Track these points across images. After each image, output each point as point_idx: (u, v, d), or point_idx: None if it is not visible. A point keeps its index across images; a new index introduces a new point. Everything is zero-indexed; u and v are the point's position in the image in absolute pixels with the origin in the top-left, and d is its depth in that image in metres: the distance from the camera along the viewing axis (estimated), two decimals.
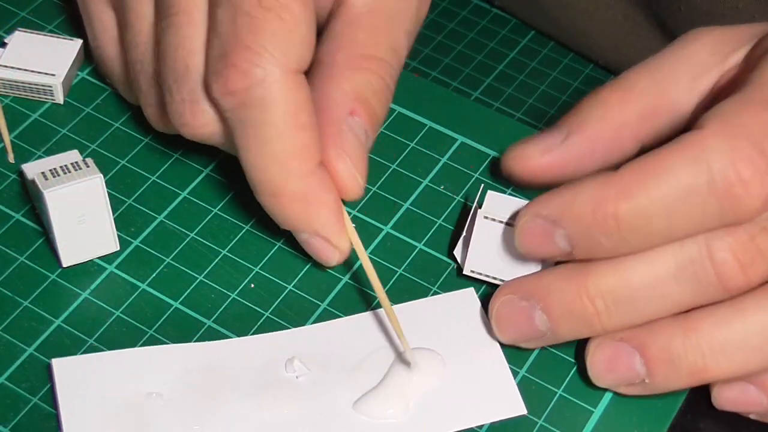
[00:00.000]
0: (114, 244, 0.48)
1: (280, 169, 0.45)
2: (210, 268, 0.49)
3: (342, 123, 0.47)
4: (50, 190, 0.46)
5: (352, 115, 0.47)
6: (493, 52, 0.61)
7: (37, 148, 0.52)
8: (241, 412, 0.44)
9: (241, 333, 0.47)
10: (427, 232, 0.51)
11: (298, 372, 0.45)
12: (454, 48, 0.62)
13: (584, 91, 0.60)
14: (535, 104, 0.59)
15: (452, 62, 0.61)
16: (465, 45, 0.61)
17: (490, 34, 0.62)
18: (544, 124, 0.58)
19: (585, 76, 0.60)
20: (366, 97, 0.47)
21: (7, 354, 0.46)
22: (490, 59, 0.61)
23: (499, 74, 0.60)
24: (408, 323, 0.47)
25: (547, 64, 0.61)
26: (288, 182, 0.45)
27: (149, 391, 0.44)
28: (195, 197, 0.51)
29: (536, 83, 0.60)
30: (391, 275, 0.49)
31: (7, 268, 0.48)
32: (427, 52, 0.61)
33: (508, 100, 0.59)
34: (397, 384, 0.45)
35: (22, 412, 0.44)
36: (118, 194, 0.51)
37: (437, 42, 0.62)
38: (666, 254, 0.42)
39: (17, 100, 0.54)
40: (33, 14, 0.58)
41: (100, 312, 0.47)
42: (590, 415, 0.45)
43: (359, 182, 0.47)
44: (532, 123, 0.57)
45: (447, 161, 0.53)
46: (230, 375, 0.45)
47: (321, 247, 0.47)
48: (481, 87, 0.60)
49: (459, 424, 0.45)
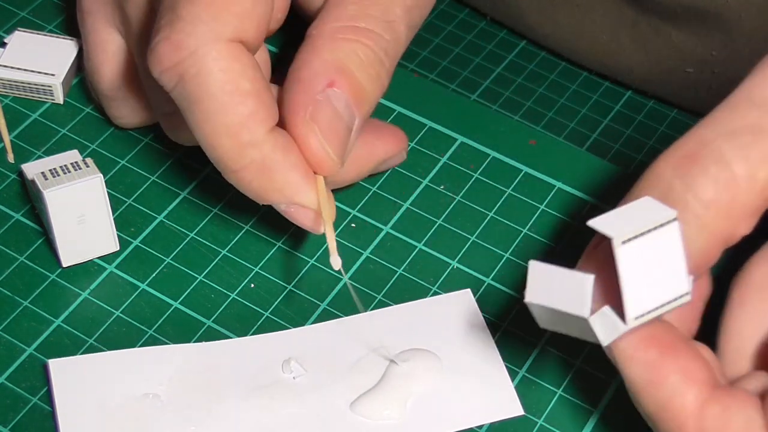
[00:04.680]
0: (114, 244, 0.48)
1: (230, 141, 0.43)
2: (210, 268, 0.49)
3: (317, 93, 0.44)
4: (50, 190, 0.46)
5: (331, 86, 0.44)
6: (490, 55, 0.61)
7: (37, 148, 0.52)
8: (238, 414, 0.44)
9: (241, 333, 0.47)
10: (427, 232, 0.51)
11: (294, 373, 0.45)
12: (452, 50, 0.62)
13: (581, 94, 0.60)
14: (533, 107, 0.59)
15: (449, 65, 0.61)
16: (462, 48, 0.62)
17: (488, 36, 0.62)
18: (542, 126, 0.58)
19: (583, 78, 0.61)
20: (349, 69, 0.44)
21: (7, 354, 0.46)
22: (487, 62, 0.61)
23: (497, 77, 0.60)
24: (405, 323, 0.47)
25: (545, 67, 0.61)
26: (242, 154, 0.43)
27: (146, 391, 0.44)
28: (195, 197, 0.51)
29: (534, 86, 0.60)
30: (391, 275, 0.49)
31: (7, 268, 0.48)
32: (424, 54, 0.62)
33: (505, 103, 0.59)
34: (394, 385, 0.45)
35: (21, 412, 0.44)
36: (118, 194, 0.51)
37: (435, 44, 0.62)
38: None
39: (17, 100, 0.54)
40: (33, 14, 0.58)
41: (99, 312, 0.47)
42: (590, 415, 0.45)
43: (331, 156, 0.45)
44: (530, 125, 0.58)
45: (447, 161, 0.53)
46: (227, 376, 0.45)
47: (302, 215, 0.45)
48: (479, 90, 0.60)
49: (455, 424, 0.45)
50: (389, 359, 0.46)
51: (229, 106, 0.42)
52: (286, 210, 0.45)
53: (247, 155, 0.43)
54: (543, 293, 0.38)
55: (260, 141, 0.43)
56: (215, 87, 0.42)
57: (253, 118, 0.43)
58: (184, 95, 0.43)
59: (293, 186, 0.44)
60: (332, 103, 0.44)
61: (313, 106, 0.44)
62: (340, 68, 0.44)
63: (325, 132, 0.44)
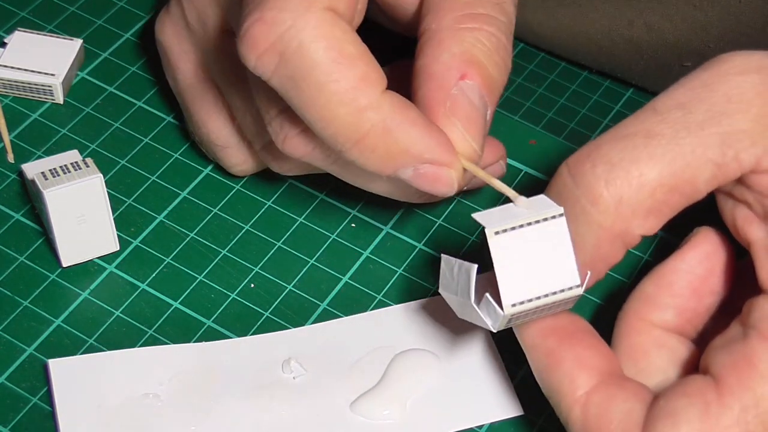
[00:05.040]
0: (114, 244, 0.48)
1: (346, 109, 0.41)
2: (210, 268, 0.49)
3: (451, 87, 0.43)
4: (50, 190, 0.46)
5: (464, 79, 0.43)
6: None
7: (37, 148, 0.52)
8: (238, 414, 0.44)
9: (241, 333, 0.47)
10: (427, 232, 0.51)
11: (294, 373, 0.45)
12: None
13: (581, 94, 0.60)
14: (533, 107, 0.59)
15: None
16: None
17: None
18: (542, 126, 0.58)
19: (583, 78, 0.60)
20: (478, 59, 0.43)
21: (7, 354, 0.46)
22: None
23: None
24: (405, 323, 0.47)
25: (545, 67, 0.61)
26: (361, 119, 0.41)
27: (146, 391, 0.44)
28: (195, 197, 0.51)
29: (534, 86, 0.60)
30: (391, 275, 0.49)
31: (7, 268, 0.48)
32: None
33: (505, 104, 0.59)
34: (394, 385, 0.45)
35: (21, 412, 0.44)
36: (118, 194, 0.51)
37: None
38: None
39: (17, 100, 0.54)
40: (33, 14, 0.58)
41: (99, 312, 0.47)
42: None
43: (474, 147, 0.43)
44: (530, 125, 0.57)
45: None
46: (227, 376, 0.45)
47: (432, 175, 0.42)
48: None
49: (455, 424, 0.45)
50: (389, 359, 0.46)
51: (339, 71, 0.40)
52: (415, 174, 0.43)
53: (367, 120, 0.41)
54: (448, 284, 0.41)
55: (378, 103, 0.41)
56: (320, 55, 0.40)
57: (366, 81, 0.41)
58: (288, 74, 0.41)
59: (420, 143, 0.42)
60: (467, 95, 0.43)
61: (451, 101, 0.43)
62: (470, 59, 0.43)
63: (465, 125, 0.43)
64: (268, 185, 0.52)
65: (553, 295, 0.40)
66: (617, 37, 0.57)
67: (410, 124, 0.42)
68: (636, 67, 0.58)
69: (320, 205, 0.51)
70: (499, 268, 0.39)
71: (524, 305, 0.39)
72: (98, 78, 0.55)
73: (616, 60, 0.58)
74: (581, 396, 0.41)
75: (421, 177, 0.43)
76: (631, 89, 0.60)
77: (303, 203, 0.51)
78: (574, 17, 0.58)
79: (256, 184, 0.52)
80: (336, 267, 0.49)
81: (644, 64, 0.58)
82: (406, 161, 0.42)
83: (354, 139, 0.41)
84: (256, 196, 0.51)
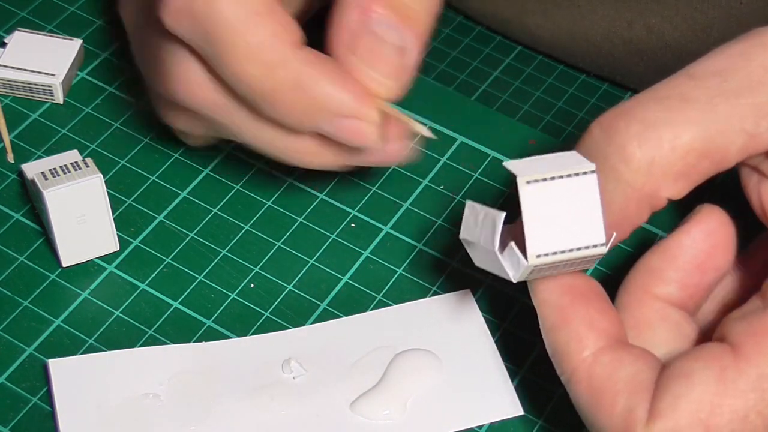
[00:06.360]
0: (114, 244, 0.48)
1: (256, 66, 0.41)
2: (210, 268, 0.49)
3: (355, 24, 0.42)
4: (50, 190, 0.46)
5: (368, 13, 0.42)
6: (487, 58, 0.61)
7: (37, 148, 0.52)
8: (238, 413, 0.44)
9: (241, 333, 0.47)
10: (427, 232, 0.51)
11: (294, 373, 0.45)
12: (449, 54, 0.62)
13: (580, 98, 0.60)
14: (530, 110, 0.59)
15: (446, 68, 0.61)
16: (459, 51, 0.62)
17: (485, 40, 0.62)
18: (540, 129, 0.58)
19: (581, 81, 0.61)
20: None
21: (7, 354, 0.46)
22: (484, 65, 0.61)
23: (494, 80, 0.60)
24: (405, 323, 0.47)
25: (543, 70, 0.61)
26: (271, 76, 0.42)
27: (146, 391, 0.44)
28: (195, 197, 0.51)
29: (532, 89, 0.60)
30: (391, 275, 0.49)
31: (7, 268, 0.48)
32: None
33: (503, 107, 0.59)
34: (394, 385, 0.45)
35: (21, 412, 0.44)
36: (118, 194, 0.51)
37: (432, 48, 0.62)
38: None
39: (17, 100, 0.54)
40: (33, 14, 0.58)
41: (99, 312, 0.47)
42: None
43: (382, 81, 0.43)
44: (530, 127, 0.58)
45: (447, 161, 0.53)
46: (227, 376, 0.45)
47: (349, 128, 0.43)
48: (476, 93, 0.60)
49: (455, 424, 0.45)
50: (389, 359, 0.46)
51: (247, 29, 0.41)
52: (337, 128, 0.43)
53: (277, 76, 0.42)
54: (470, 230, 0.40)
55: (287, 59, 0.42)
56: (228, 14, 0.41)
57: (275, 38, 0.41)
58: (201, 35, 0.42)
59: (335, 99, 0.42)
60: (370, 28, 0.42)
61: (350, 38, 0.43)
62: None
63: (367, 60, 0.43)
64: (268, 185, 0.52)
65: (578, 251, 0.39)
66: (616, 39, 0.57)
67: (324, 81, 0.42)
68: (635, 70, 0.58)
69: (320, 205, 0.51)
70: (527, 218, 0.39)
71: (548, 257, 0.39)
72: (98, 78, 0.55)
73: (616, 62, 0.58)
74: (588, 356, 0.40)
75: (339, 132, 0.43)
76: (630, 93, 0.61)
77: (303, 203, 0.51)
78: (572, 19, 0.58)
79: (256, 184, 0.52)
80: (336, 267, 0.49)
81: (644, 66, 0.58)
82: (324, 117, 0.42)
83: (266, 97, 0.42)
84: (256, 196, 0.51)
